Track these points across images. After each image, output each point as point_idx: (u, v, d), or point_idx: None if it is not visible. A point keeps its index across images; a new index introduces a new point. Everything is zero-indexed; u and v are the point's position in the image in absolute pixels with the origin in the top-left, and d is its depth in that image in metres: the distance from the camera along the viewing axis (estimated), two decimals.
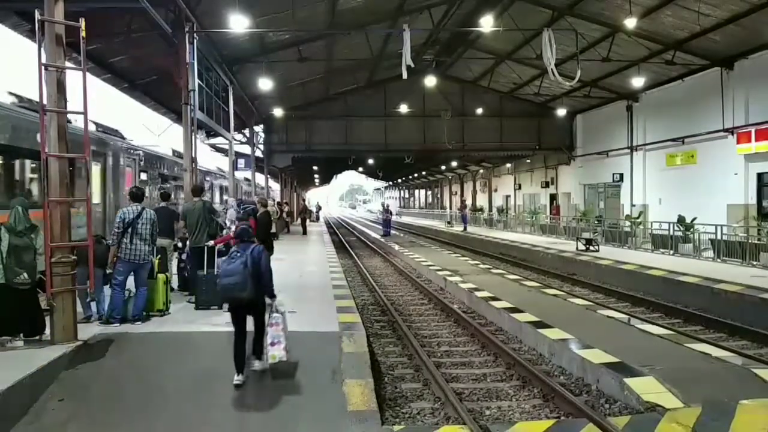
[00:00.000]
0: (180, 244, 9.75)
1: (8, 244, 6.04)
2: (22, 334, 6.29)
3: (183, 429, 4.98)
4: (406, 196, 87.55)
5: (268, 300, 5.72)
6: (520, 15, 18.60)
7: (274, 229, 9.57)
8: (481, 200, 46.30)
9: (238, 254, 5.59)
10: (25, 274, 6.08)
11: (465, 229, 31.14)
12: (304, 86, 25.10)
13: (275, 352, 5.59)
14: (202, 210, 9.19)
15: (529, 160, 34.67)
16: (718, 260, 14.70)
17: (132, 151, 14.52)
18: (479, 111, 28.22)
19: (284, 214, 29.50)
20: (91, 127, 11.61)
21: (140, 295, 7.50)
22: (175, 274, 9.86)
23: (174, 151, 18.46)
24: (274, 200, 28.80)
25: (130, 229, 7.21)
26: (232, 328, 5.77)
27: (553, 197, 32.82)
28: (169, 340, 6.78)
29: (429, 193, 70.81)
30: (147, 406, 5.30)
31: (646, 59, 19.86)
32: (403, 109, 27.78)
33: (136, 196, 7.59)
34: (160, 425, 5.01)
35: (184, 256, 9.73)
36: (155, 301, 7.85)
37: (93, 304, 7.53)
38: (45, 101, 6.22)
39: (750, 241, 14.31)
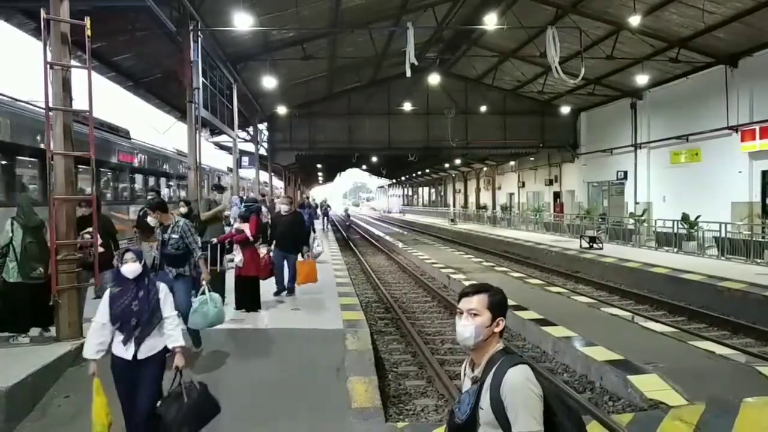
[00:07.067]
0: None
1: (21, 239, 6.09)
2: (40, 328, 6.36)
3: None
4: (410, 193, 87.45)
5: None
6: (524, 12, 18.53)
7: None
8: (485, 198, 46.23)
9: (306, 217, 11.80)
10: (41, 269, 6.15)
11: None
12: (308, 84, 25.07)
13: (320, 248, 12.96)
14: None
15: (532, 158, 34.54)
16: (722, 258, 14.67)
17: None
18: (483, 109, 28.12)
19: None
20: None
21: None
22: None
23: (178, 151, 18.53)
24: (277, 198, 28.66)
25: None
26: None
27: (556, 195, 32.76)
28: None
29: (433, 191, 70.69)
30: None
31: (650, 57, 19.78)
32: (407, 107, 27.70)
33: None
34: None
35: None
36: None
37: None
38: (50, 100, 6.24)
39: (754, 238, 14.29)
